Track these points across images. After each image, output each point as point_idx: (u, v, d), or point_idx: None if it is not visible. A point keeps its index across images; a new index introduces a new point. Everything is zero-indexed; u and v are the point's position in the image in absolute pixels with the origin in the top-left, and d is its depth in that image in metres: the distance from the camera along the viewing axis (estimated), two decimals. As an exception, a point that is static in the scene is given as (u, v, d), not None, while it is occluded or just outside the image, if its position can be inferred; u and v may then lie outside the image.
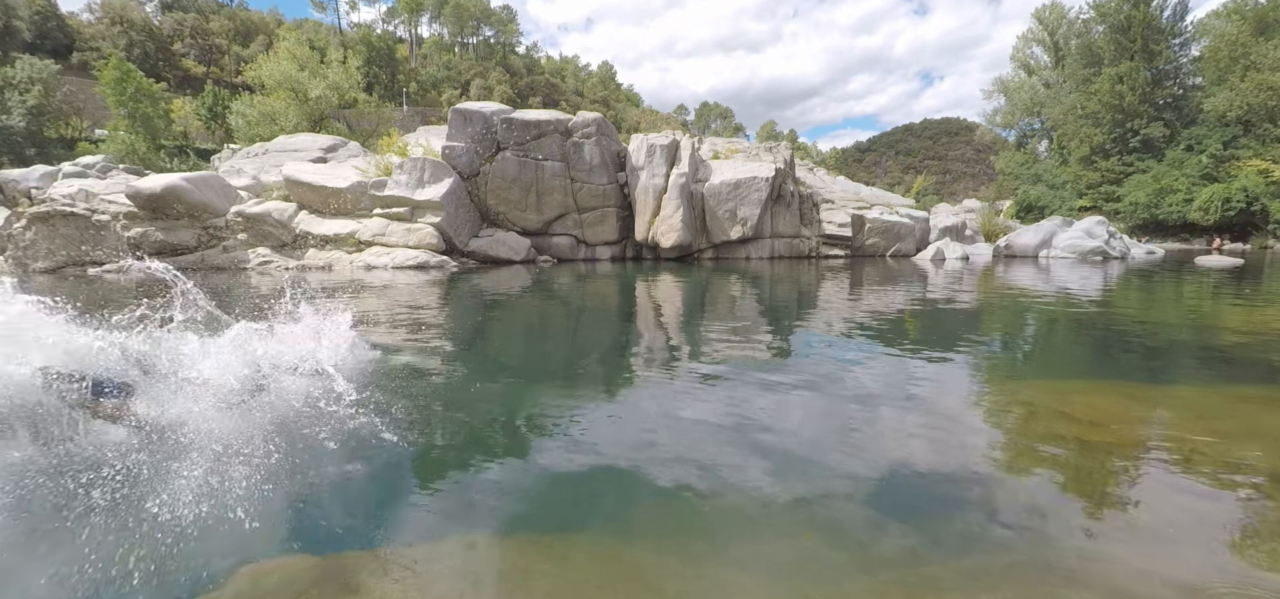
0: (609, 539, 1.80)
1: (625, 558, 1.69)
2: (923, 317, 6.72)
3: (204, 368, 2.72)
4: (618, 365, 4.42)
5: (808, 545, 1.74)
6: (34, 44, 41.97)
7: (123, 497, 1.93)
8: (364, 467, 2.33)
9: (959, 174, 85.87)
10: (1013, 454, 2.53)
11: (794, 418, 2.96)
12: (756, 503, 1.99)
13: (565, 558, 1.69)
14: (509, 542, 1.77)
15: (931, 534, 1.80)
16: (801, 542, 1.76)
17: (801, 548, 1.73)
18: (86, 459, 2.12)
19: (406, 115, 47.95)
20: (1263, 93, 32.52)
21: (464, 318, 6.95)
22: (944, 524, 1.87)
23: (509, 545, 1.75)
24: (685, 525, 1.86)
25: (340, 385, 2.97)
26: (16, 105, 33.93)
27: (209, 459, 2.16)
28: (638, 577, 1.60)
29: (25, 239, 13.95)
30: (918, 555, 1.69)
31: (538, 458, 2.45)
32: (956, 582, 1.57)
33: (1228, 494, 2.11)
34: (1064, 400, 3.27)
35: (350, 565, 1.63)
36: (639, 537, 1.81)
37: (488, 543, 1.75)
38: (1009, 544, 1.75)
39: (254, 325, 3.20)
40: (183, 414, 2.39)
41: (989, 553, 1.71)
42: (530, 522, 1.89)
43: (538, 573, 1.60)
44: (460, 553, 1.70)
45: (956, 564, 1.64)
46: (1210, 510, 2.00)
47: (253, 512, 1.86)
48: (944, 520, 1.90)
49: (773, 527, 1.84)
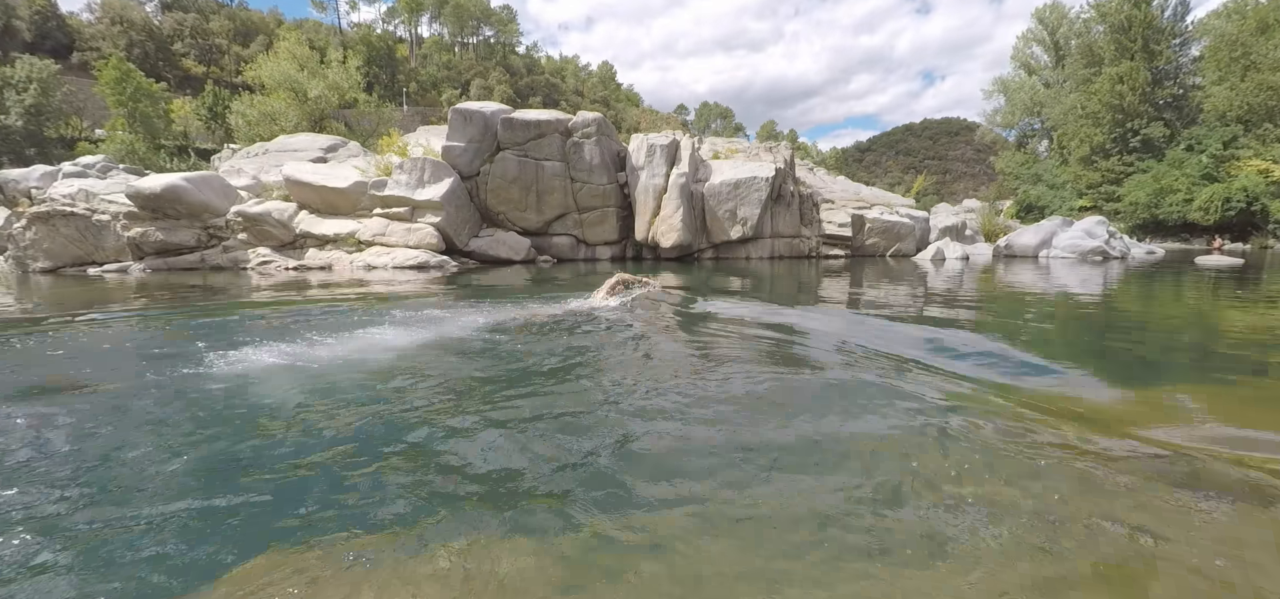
0: (616, 538, 1.80)
1: (628, 556, 1.69)
2: (923, 316, 6.71)
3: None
4: (618, 364, 4.42)
5: (807, 544, 1.74)
6: (34, 44, 41.98)
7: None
8: (364, 465, 2.32)
9: (959, 174, 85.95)
10: (1014, 454, 2.53)
11: (795, 415, 2.96)
12: (759, 499, 1.99)
13: (567, 558, 1.69)
14: (509, 541, 1.77)
15: (932, 533, 1.80)
16: (801, 541, 1.76)
17: (803, 549, 1.73)
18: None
19: (406, 115, 47.98)
20: (1263, 92, 32.54)
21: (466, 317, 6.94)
22: (947, 524, 1.87)
23: (509, 545, 1.75)
24: (689, 525, 1.86)
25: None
26: (15, 105, 33.95)
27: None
28: (641, 577, 1.60)
29: (25, 239, 13.95)
30: (917, 553, 1.69)
31: (538, 456, 2.45)
32: (961, 578, 1.57)
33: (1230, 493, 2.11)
34: (1064, 397, 3.27)
35: (351, 561, 1.63)
36: (641, 536, 1.81)
37: (489, 542, 1.75)
38: (1011, 544, 1.75)
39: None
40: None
41: (990, 553, 1.71)
42: (532, 522, 1.89)
43: (539, 573, 1.60)
44: (462, 552, 1.70)
45: (960, 562, 1.64)
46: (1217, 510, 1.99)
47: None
48: (947, 520, 1.90)
49: (774, 524, 1.84)
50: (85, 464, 2.31)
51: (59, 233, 14.12)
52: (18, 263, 14.10)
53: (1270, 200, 30.69)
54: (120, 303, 7.71)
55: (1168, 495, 2.03)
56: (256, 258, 14.34)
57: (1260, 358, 4.41)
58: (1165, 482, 2.13)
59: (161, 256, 14.26)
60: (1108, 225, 19.75)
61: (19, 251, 14.02)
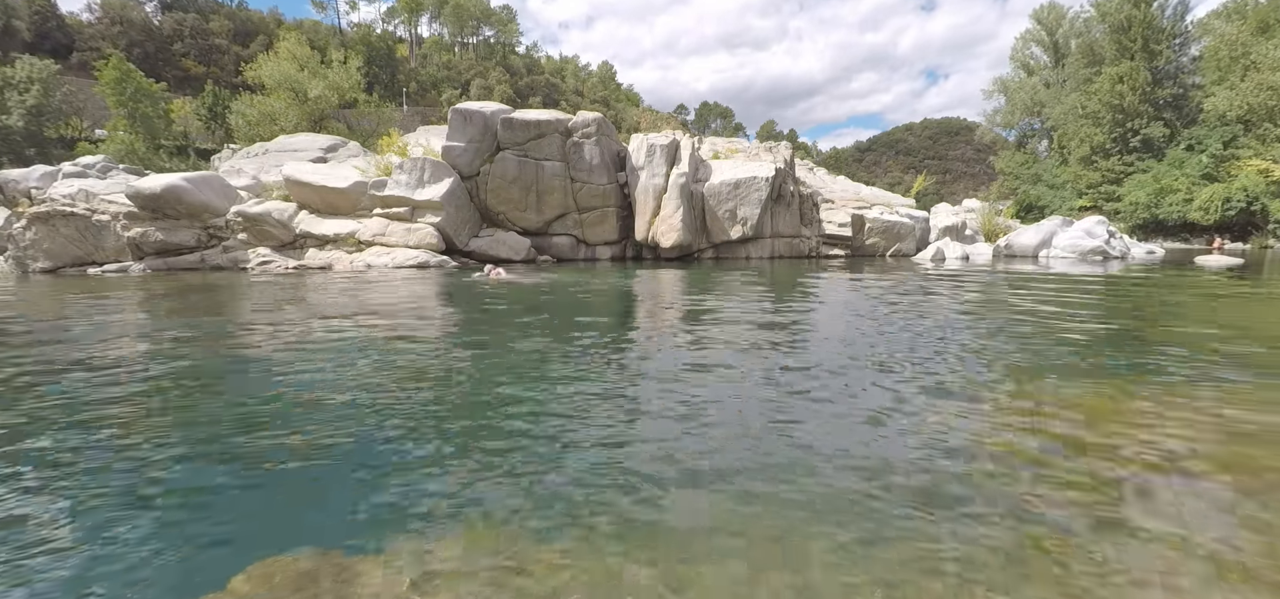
0: (622, 536, 1.80)
1: (631, 556, 1.69)
2: (922, 314, 6.71)
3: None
4: (619, 362, 4.42)
5: (807, 542, 1.74)
6: (34, 44, 41.97)
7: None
8: (366, 462, 2.33)
9: (959, 174, 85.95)
10: (1012, 454, 2.53)
11: (795, 412, 2.96)
12: (763, 496, 1.99)
13: (569, 557, 1.69)
14: (512, 542, 1.77)
15: (933, 528, 1.80)
16: (799, 539, 1.76)
17: (801, 546, 1.73)
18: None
19: (406, 115, 48.00)
20: (1263, 93, 32.53)
21: (465, 315, 6.95)
22: (948, 523, 1.87)
23: (511, 545, 1.75)
24: (700, 521, 1.86)
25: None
26: (15, 105, 33.94)
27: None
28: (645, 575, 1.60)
29: (25, 239, 13.95)
30: (918, 549, 1.69)
31: (541, 454, 2.45)
32: (961, 575, 1.57)
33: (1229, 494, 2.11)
34: (1061, 398, 3.27)
35: (352, 562, 1.63)
36: (645, 534, 1.81)
37: (490, 542, 1.75)
38: (1012, 545, 1.75)
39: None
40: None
41: (992, 553, 1.71)
42: (532, 519, 1.89)
43: (541, 572, 1.60)
44: (467, 551, 1.70)
45: (962, 560, 1.64)
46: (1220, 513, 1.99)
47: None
48: (947, 519, 1.90)
49: (777, 522, 1.84)
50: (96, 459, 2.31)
51: (59, 233, 14.12)
52: (18, 263, 14.09)
53: (1270, 200, 30.69)
54: (119, 301, 7.70)
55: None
56: (256, 258, 14.33)
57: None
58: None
59: (161, 256, 14.26)
60: (1107, 225, 19.73)
61: (19, 252, 14.02)
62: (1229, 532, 1.80)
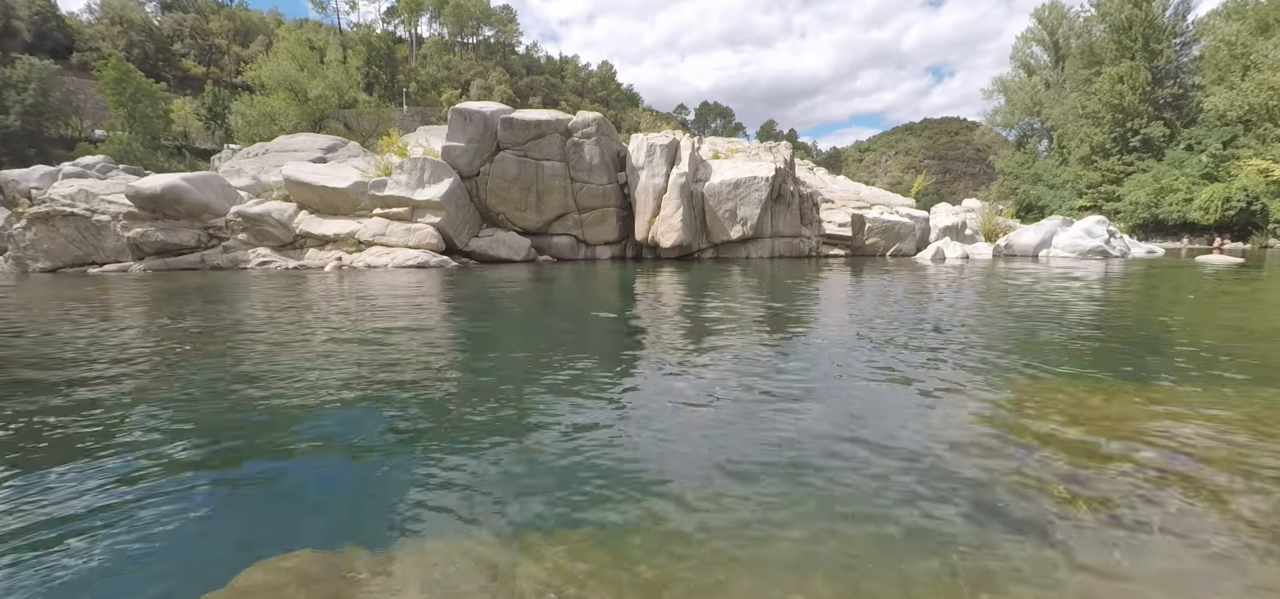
0: (623, 535, 1.80)
1: (633, 556, 1.69)
2: (922, 314, 6.71)
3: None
4: (619, 360, 4.42)
5: (809, 543, 1.74)
6: (34, 44, 41.94)
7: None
8: (366, 462, 2.33)
9: (959, 174, 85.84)
10: (1010, 451, 2.53)
11: (794, 410, 2.96)
12: (766, 495, 1.99)
13: (571, 557, 1.69)
14: (511, 541, 1.77)
15: (940, 534, 1.80)
16: (802, 539, 1.76)
17: (803, 547, 1.73)
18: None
19: (406, 115, 47.97)
20: (1263, 92, 32.50)
21: (466, 315, 6.95)
22: (951, 524, 1.87)
23: (511, 544, 1.75)
24: (705, 520, 1.86)
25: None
26: (15, 105, 33.92)
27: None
28: (644, 576, 1.60)
29: (25, 239, 13.95)
30: (929, 551, 1.69)
31: (540, 453, 2.45)
32: (965, 578, 1.57)
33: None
34: (1064, 396, 3.26)
35: (353, 562, 1.63)
36: (645, 534, 1.81)
37: (492, 541, 1.75)
38: (1012, 548, 1.75)
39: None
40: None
41: (994, 555, 1.71)
42: (534, 518, 1.89)
43: (542, 572, 1.60)
44: (467, 550, 1.70)
45: (965, 562, 1.64)
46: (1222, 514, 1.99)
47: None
48: (951, 520, 1.90)
49: (778, 521, 1.84)
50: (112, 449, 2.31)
51: (59, 233, 14.12)
52: (18, 263, 14.09)
53: (1270, 200, 30.64)
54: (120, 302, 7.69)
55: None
56: (256, 258, 14.33)
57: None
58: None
59: (161, 257, 14.26)
60: (1107, 225, 19.74)
61: (19, 252, 14.01)
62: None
